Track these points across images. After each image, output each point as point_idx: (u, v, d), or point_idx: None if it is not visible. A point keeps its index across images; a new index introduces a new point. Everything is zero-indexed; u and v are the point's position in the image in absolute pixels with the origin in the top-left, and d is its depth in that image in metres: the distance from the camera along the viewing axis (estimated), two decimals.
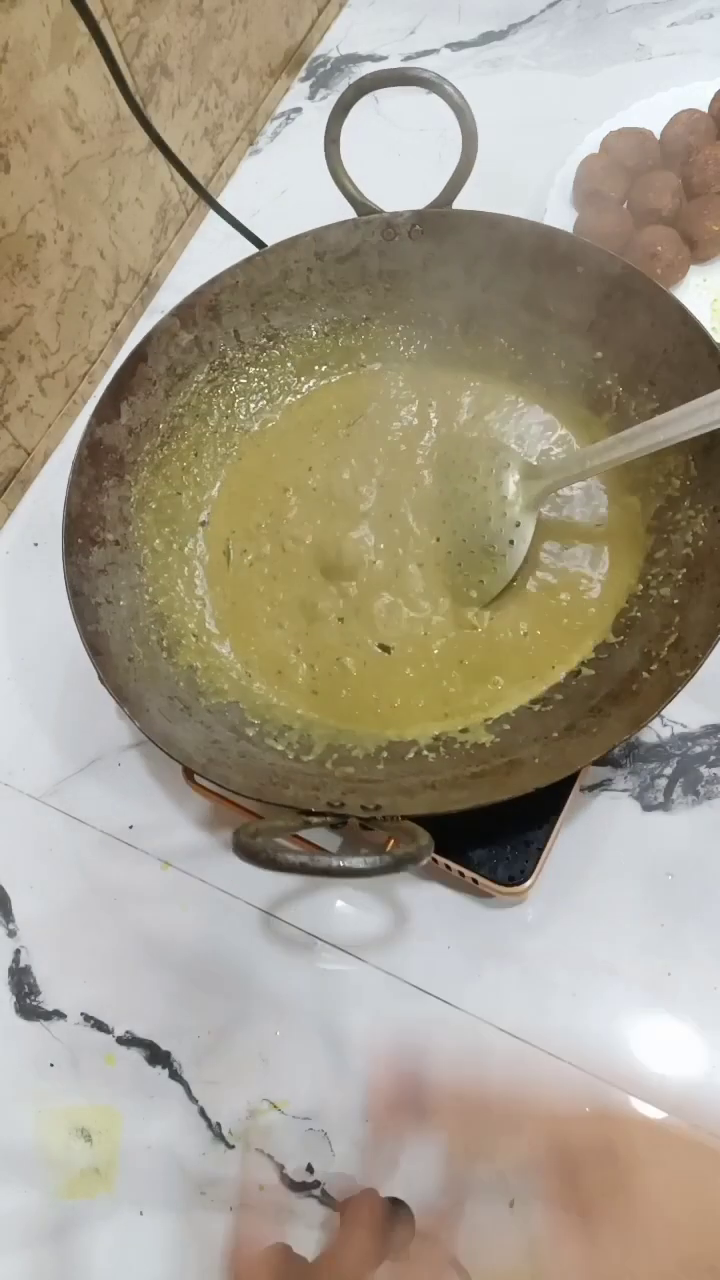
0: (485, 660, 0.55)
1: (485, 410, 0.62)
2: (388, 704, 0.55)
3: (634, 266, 0.56)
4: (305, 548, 0.60)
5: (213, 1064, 0.52)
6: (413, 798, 0.48)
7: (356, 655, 0.56)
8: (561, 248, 0.58)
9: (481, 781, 0.49)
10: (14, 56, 0.58)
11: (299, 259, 0.61)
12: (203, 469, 0.62)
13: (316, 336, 0.64)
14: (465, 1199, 0.39)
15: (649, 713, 0.46)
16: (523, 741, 0.51)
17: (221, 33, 0.77)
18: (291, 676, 0.56)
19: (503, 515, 0.56)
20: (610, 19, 0.85)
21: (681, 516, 0.54)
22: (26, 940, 0.57)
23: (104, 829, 0.59)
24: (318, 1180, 0.49)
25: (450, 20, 0.88)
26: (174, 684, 0.54)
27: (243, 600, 0.59)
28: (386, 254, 0.62)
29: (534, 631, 0.55)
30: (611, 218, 0.68)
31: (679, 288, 0.68)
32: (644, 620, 0.53)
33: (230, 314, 0.61)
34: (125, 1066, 0.53)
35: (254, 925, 0.55)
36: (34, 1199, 0.50)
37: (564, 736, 0.49)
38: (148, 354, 0.59)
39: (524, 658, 0.55)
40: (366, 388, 0.64)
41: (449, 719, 0.54)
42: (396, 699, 0.55)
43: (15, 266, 0.64)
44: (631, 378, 0.58)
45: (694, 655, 0.46)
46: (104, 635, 0.52)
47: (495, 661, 0.55)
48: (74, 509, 0.54)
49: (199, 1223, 0.49)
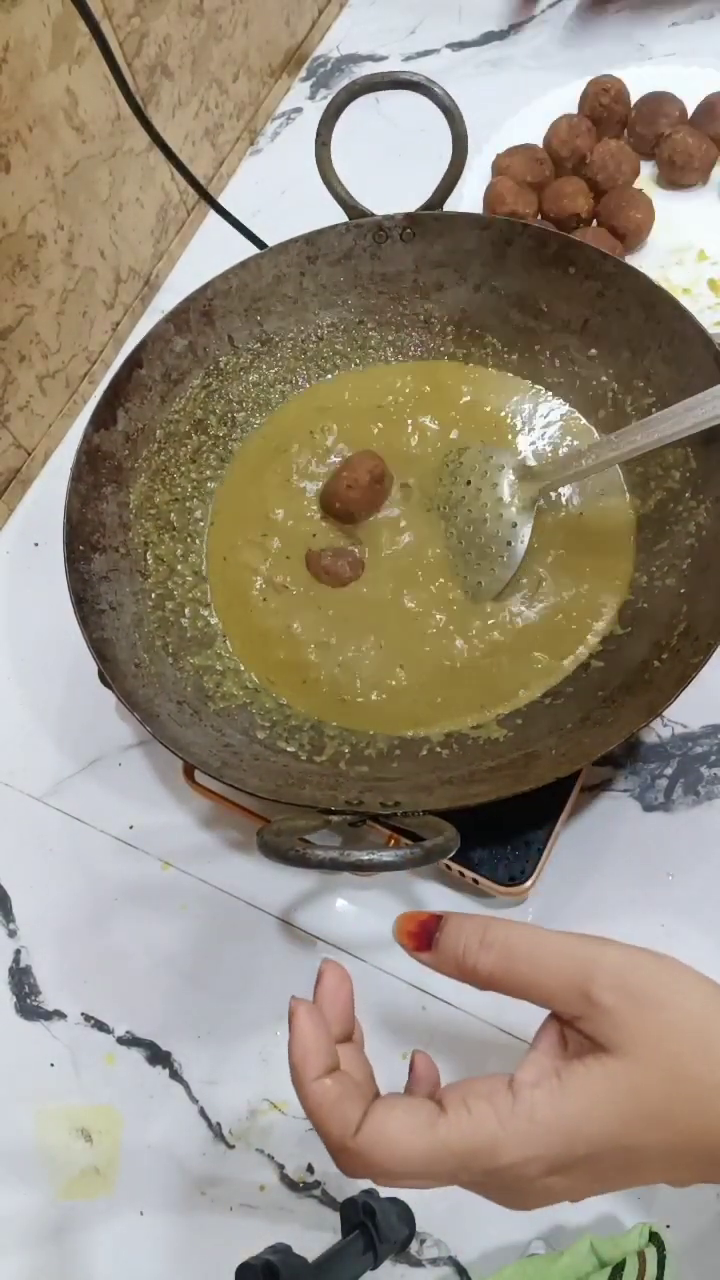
0: (491, 658, 0.55)
1: (480, 411, 0.62)
2: (396, 703, 0.55)
3: (626, 264, 0.56)
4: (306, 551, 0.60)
5: (213, 1064, 0.52)
6: (431, 793, 0.49)
7: (361, 656, 0.56)
8: (553, 247, 0.58)
9: (500, 774, 0.49)
10: (14, 56, 0.58)
11: (291, 263, 0.61)
12: (201, 474, 0.62)
13: (310, 340, 0.64)
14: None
15: (664, 700, 0.46)
16: (537, 735, 0.51)
17: (222, 33, 0.77)
18: (299, 678, 0.56)
19: (499, 517, 0.56)
20: (611, 19, 0.85)
21: (682, 508, 0.54)
22: (27, 940, 0.57)
23: (104, 829, 0.59)
24: (318, 1180, 0.49)
25: (451, 20, 0.88)
26: (182, 689, 0.54)
27: (246, 604, 0.59)
28: (379, 257, 0.62)
29: (539, 627, 0.55)
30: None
31: None
32: (651, 611, 0.53)
33: (224, 319, 0.61)
34: (125, 1066, 0.53)
35: (254, 925, 0.55)
36: (34, 1199, 0.50)
37: (579, 728, 0.50)
38: (143, 360, 0.59)
39: (530, 654, 0.55)
40: (360, 391, 0.64)
41: (460, 716, 0.54)
42: (405, 698, 0.55)
43: (16, 266, 0.64)
44: (626, 374, 0.58)
45: (706, 642, 0.47)
46: (109, 642, 0.52)
47: (501, 658, 0.55)
48: (74, 516, 0.54)
49: (199, 1223, 0.49)
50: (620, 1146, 0.28)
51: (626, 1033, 0.29)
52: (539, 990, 0.30)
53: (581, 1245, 0.43)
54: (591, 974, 0.29)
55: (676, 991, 0.30)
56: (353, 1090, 0.31)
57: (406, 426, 0.62)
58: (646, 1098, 0.28)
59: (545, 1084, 0.29)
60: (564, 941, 0.30)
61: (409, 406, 0.63)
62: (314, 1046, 0.31)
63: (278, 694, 0.56)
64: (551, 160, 0.72)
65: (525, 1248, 0.46)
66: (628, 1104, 0.28)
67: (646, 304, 0.56)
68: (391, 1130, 0.29)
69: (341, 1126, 0.29)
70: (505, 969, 0.30)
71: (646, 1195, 0.46)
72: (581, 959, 0.30)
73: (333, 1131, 0.30)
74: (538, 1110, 0.28)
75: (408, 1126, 0.29)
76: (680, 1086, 0.28)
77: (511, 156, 0.72)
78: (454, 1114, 0.29)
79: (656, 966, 0.30)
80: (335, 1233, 0.44)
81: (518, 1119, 0.28)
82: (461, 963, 0.31)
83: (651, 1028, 0.29)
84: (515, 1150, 0.28)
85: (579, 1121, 0.28)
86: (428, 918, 0.32)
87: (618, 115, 0.73)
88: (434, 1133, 0.29)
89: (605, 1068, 0.29)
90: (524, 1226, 0.47)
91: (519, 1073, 0.30)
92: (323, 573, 0.58)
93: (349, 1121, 0.29)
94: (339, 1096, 0.30)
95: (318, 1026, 0.31)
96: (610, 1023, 0.29)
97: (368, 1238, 0.42)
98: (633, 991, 0.29)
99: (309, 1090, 0.30)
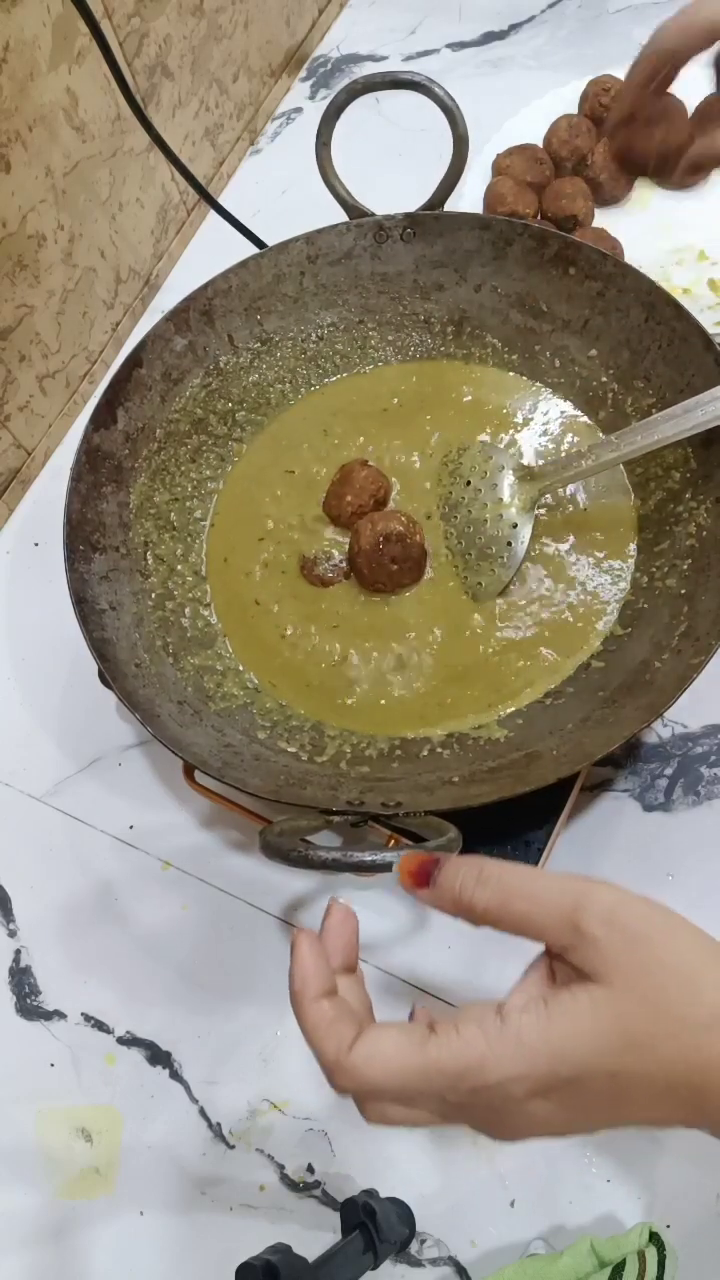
0: (492, 658, 0.55)
1: (479, 412, 0.62)
2: (396, 703, 0.55)
3: (626, 264, 0.57)
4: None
5: (213, 1064, 0.52)
6: (432, 794, 0.49)
7: (363, 656, 0.56)
8: (553, 247, 0.58)
9: (501, 775, 0.49)
10: (15, 56, 0.58)
11: (291, 262, 0.61)
12: (201, 474, 0.62)
13: (310, 340, 0.64)
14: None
15: (665, 701, 0.46)
16: (538, 735, 0.51)
17: (222, 33, 0.77)
18: (299, 679, 0.56)
19: (499, 518, 0.56)
20: (611, 19, 0.85)
21: (683, 509, 0.54)
22: (27, 940, 0.57)
23: (104, 829, 0.59)
24: (318, 1180, 0.49)
25: (451, 20, 0.89)
26: (182, 689, 0.54)
27: (246, 605, 0.59)
28: (379, 256, 0.62)
29: (539, 628, 0.55)
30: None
31: None
32: (651, 611, 0.53)
33: (224, 318, 0.61)
34: (125, 1066, 0.53)
35: (254, 925, 0.55)
36: (34, 1199, 0.50)
37: (580, 728, 0.50)
38: (143, 359, 0.59)
39: (530, 654, 0.55)
40: (361, 391, 0.64)
41: (460, 717, 0.54)
42: (405, 698, 0.55)
43: (16, 266, 0.64)
44: (627, 374, 0.58)
45: (707, 643, 0.47)
46: (110, 642, 0.52)
47: (502, 659, 0.55)
48: (74, 516, 0.54)
49: (199, 1223, 0.49)
50: (603, 1071, 0.29)
51: (613, 963, 0.30)
52: (531, 923, 0.31)
53: (581, 1245, 0.43)
54: (583, 905, 0.30)
55: (665, 930, 0.31)
56: (349, 1012, 0.32)
57: (407, 427, 0.62)
58: (630, 1024, 0.29)
59: (533, 1009, 0.30)
60: (556, 879, 0.31)
61: (410, 406, 0.63)
62: (313, 971, 0.32)
63: (277, 694, 0.56)
64: (551, 160, 0.73)
65: (525, 1248, 0.46)
66: (612, 1028, 0.29)
67: (646, 304, 0.56)
68: (384, 1046, 0.30)
69: (336, 1043, 0.30)
70: (500, 903, 0.31)
71: (646, 1195, 0.47)
72: (574, 893, 0.31)
73: (327, 1049, 0.31)
74: (525, 1032, 0.29)
75: (399, 1043, 0.30)
76: (663, 1020, 0.29)
77: (511, 156, 0.72)
78: (444, 1034, 0.30)
79: (647, 906, 0.31)
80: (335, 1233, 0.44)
81: (506, 1039, 0.29)
82: (458, 898, 0.32)
83: (638, 960, 0.30)
84: (502, 1069, 0.29)
85: (564, 1043, 0.29)
86: (428, 858, 0.33)
87: None
88: (424, 1050, 0.30)
89: (591, 994, 0.30)
90: (524, 1226, 0.47)
91: (508, 1000, 0.31)
92: (317, 581, 0.58)
93: (344, 1038, 0.31)
94: (335, 1017, 0.31)
95: (318, 955, 0.33)
96: (598, 953, 0.30)
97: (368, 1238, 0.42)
98: (622, 925, 0.30)
99: (307, 1010, 0.32)
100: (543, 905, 0.31)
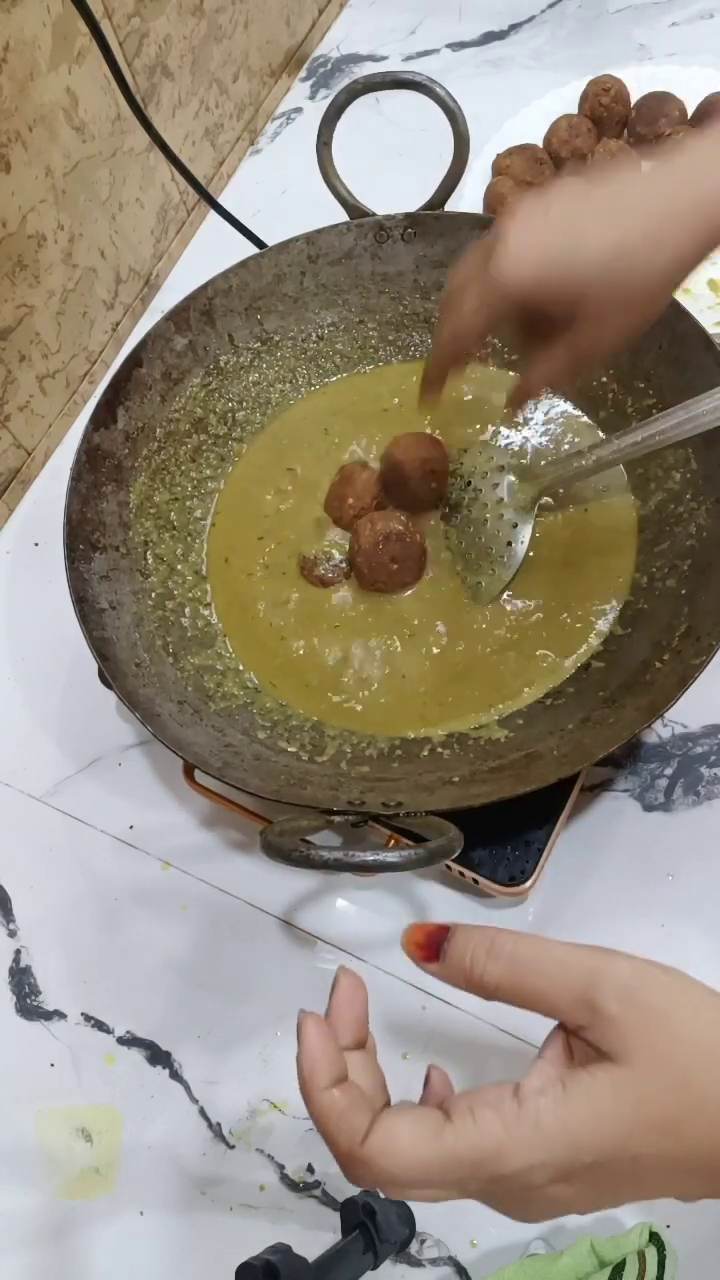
0: (492, 658, 0.55)
1: (480, 412, 0.62)
2: (396, 703, 0.55)
3: None
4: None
5: (213, 1064, 0.52)
6: (433, 794, 0.49)
7: (363, 656, 0.56)
8: None
9: (502, 775, 0.49)
10: (15, 56, 0.58)
11: (292, 262, 0.61)
12: (201, 474, 0.62)
13: (311, 339, 0.64)
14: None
15: (665, 701, 0.46)
16: (538, 735, 0.51)
17: (222, 33, 0.77)
18: (299, 679, 0.56)
19: (499, 518, 0.56)
20: (611, 19, 0.85)
21: (683, 509, 0.54)
22: (27, 940, 0.57)
23: (104, 829, 0.59)
24: (318, 1180, 0.49)
25: (451, 20, 0.88)
26: (182, 688, 0.54)
27: (246, 605, 0.59)
28: (379, 256, 0.62)
29: (539, 628, 0.55)
30: None
31: None
32: (651, 611, 0.53)
33: (224, 318, 0.61)
34: (125, 1066, 0.53)
35: (254, 925, 0.55)
36: (34, 1199, 0.50)
37: (580, 728, 0.50)
38: (143, 359, 0.59)
39: (530, 654, 0.55)
40: (361, 391, 0.64)
41: (461, 717, 0.54)
42: (405, 698, 0.55)
43: (16, 266, 0.64)
44: (627, 375, 0.58)
45: (708, 643, 0.47)
46: (110, 641, 0.52)
47: (502, 659, 0.55)
48: (74, 515, 0.54)
49: (199, 1223, 0.49)
50: (626, 1154, 0.28)
51: (632, 1042, 0.28)
52: (545, 1000, 0.30)
53: (581, 1245, 0.43)
54: (597, 983, 0.29)
55: (684, 1005, 0.29)
56: (360, 1100, 0.31)
57: (408, 427, 0.62)
58: (652, 1106, 0.28)
59: (550, 1091, 0.29)
60: (571, 951, 0.30)
61: (410, 406, 0.63)
62: (321, 1057, 0.31)
63: (277, 694, 0.56)
64: (551, 160, 0.73)
65: (525, 1248, 0.46)
66: (633, 1111, 0.28)
67: None
68: (398, 1138, 0.29)
69: (349, 1135, 0.29)
70: (512, 979, 0.30)
71: None
72: (588, 968, 0.29)
73: (340, 1141, 0.30)
74: (543, 1117, 0.28)
75: (414, 1134, 0.29)
76: (686, 1099, 0.28)
77: (511, 156, 0.72)
78: (460, 1121, 0.29)
79: (664, 979, 0.30)
80: (335, 1233, 0.44)
81: (523, 1126, 0.28)
82: (469, 973, 0.31)
83: (657, 1038, 0.29)
84: (521, 1156, 0.28)
85: (584, 1128, 0.28)
86: (435, 929, 0.32)
87: (618, 115, 0.73)
88: (440, 1140, 0.29)
89: (610, 1075, 0.28)
90: (524, 1226, 0.47)
91: (525, 1081, 0.30)
92: (317, 581, 0.58)
93: (356, 1130, 0.29)
94: (346, 1106, 0.30)
95: (325, 1039, 0.32)
96: (615, 1032, 0.29)
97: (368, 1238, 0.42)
98: (639, 1002, 0.29)
99: (317, 1100, 0.30)
100: (556, 982, 0.30)
